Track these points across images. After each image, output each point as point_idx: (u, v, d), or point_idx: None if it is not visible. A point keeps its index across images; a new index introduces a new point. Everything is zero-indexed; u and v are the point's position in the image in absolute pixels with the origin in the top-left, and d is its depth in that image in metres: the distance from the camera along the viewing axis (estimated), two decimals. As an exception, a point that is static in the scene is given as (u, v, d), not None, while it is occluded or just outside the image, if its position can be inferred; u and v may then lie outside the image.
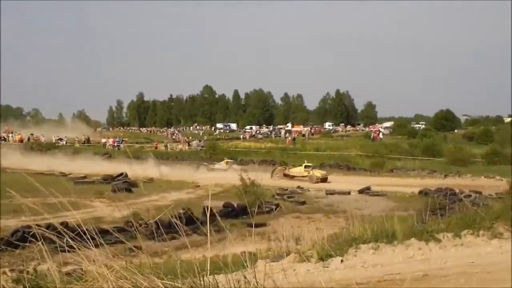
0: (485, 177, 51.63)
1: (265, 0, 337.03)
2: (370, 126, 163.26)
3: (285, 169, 56.17)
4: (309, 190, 45.54)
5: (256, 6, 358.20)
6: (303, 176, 52.31)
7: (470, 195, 35.21)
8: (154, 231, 6.67)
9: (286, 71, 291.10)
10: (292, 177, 52.76)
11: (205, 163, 62.71)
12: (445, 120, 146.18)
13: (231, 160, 63.84)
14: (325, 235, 16.89)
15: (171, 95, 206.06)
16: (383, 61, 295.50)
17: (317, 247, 13.20)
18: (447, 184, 44.58)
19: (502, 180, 44.28)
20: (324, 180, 51.04)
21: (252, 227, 22.71)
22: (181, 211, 23.89)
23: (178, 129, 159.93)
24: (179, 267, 4.58)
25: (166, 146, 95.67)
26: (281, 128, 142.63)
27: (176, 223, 5.49)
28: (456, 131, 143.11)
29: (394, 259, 12.53)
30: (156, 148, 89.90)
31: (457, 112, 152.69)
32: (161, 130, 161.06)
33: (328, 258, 12.17)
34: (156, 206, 28.75)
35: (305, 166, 53.99)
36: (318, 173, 52.89)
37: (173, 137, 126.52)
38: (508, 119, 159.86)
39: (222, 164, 60.98)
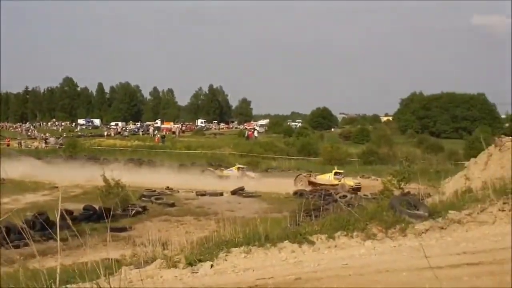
0: (360, 177, 53.82)
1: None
2: (245, 124, 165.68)
3: (310, 176, 52.69)
4: (178, 192, 45.42)
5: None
6: (333, 185, 48.00)
7: (345, 196, 36.67)
8: (5, 238, 6.37)
9: (156, 65, 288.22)
10: (319, 185, 48.10)
11: (211, 169, 59.53)
12: (322, 118, 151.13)
13: (243, 166, 60.14)
14: (195, 239, 16.92)
15: (26, 87, 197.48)
16: (259, 56, 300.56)
17: (185, 251, 13.19)
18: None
19: (377, 180, 46.30)
20: (357, 189, 46.40)
21: (115, 231, 22.30)
22: (37, 215, 23.01)
23: (34, 124, 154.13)
24: (24, 277, 4.38)
25: (19, 143, 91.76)
26: (149, 125, 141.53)
27: (24, 229, 5.25)
28: (333, 129, 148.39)
29: (266, 262, 12.77)
30: (8, 145, 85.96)
31: (334, 110, 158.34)
32: (15, 126, 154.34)
33: (197, 263, 12.19)
34: (6, 209, 27.44)
35: (335, 173, 50.64)
36: (350, 181, 49.29)
37: (28, 133, 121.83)
38: (385, 118, 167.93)
39: (233, 171, 57.71)
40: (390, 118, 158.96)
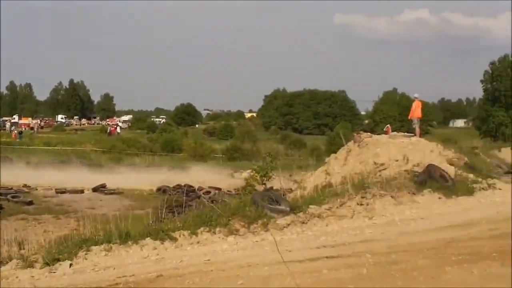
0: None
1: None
2: (107, 120, 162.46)
3: None
4: (36, 189, 43.86)
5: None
6: None
7: (209, 192, 36.88)
8: None
9: (13, 58, 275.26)
10: None
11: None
12: (186, 114, 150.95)
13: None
14: (53, 238, 16.41)
15: None
16: (123, 52, 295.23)
17: (43, 251, 12.79)
18: (187, 181, 45.97)
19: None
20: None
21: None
22: None
23: None
24: None
25: None
26: (6, 120, 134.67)
27: None
28: (197, 125, 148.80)
29: (127, 260, 12.64)
30: None
31: (199, 106, 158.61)
32: None
33: (55, 262, 11.88)
34: None
35: None
36: None
37: None
38: (249, 115, 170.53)
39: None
40: (254, 115, 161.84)
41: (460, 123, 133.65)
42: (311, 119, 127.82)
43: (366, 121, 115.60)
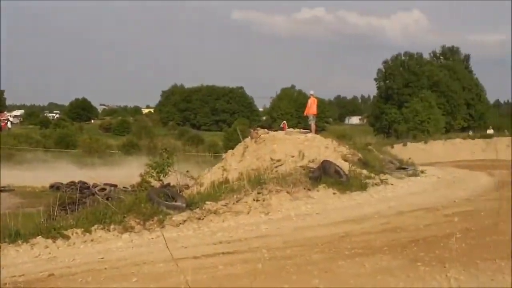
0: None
1: None
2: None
3: None
4: None
5: None
6: None
7: (105, 189, 36.19)
8: None
9: None
10: None
11: None
12: (81, 110, 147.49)
13: None
14: None
15: None
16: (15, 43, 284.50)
17: None
18: (82, 177, 44.91)
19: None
20: None
21: None
22: None
23: None
24: None
25: None
26: None
27: None
28: (92, 121, 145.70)
29: (17, 259, 12.31)
30: None
31: (94, 102, 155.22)
32: None
33: None
34: None
35: None
36: None
37: None
38: (146, 110, 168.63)
39: None
40: (152, 110, 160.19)
41: (355, 120, 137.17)
42: (209, 115, 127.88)
43: (264, 118, 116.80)
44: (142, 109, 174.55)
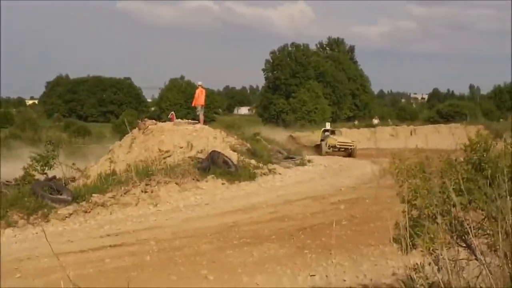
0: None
1: None
2: None
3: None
4: None
5: None
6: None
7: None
8: None
9: None
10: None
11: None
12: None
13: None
14: None
15: None
16: None
17: None
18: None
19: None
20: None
21: None
22: None
23: None
24: None
25: None
26: None
27: None
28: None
29: None
30: None
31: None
32: None
33: None
34: None
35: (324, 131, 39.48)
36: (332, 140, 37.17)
37: None
38: (30, 102, 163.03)
39: None
40: (36, 102, 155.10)
41: (244, 110, 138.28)
42: (96, 106, 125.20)
43: (152, 108, 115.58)
44: (26, 101, 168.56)
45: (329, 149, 34.45)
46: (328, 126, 41.65)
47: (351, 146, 34.57)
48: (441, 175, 6.13)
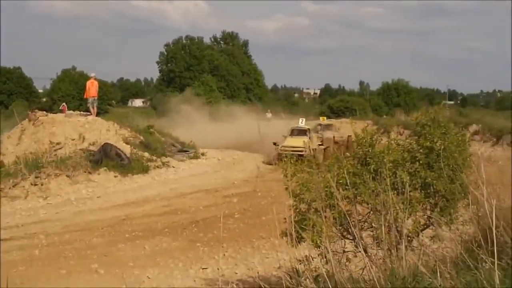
0: None
1: None
2: None
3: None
4: None
5: None
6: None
7: None
8: None
9: None
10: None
11: None
12: None
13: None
14: None
15: None
16: None
17: None
18: None
19: None
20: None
21: None
22: None
23: None
24: None
25: None
26: None
27: None
28: None
29: None
30: None
31: None
32: None
33: None
34: None
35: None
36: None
37: None
38: None
39: None
40: None
41: (138, 102, 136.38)
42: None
43: (44, 99, 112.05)
44: None
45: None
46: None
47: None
48: (328, 170, 6.27)
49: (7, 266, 9.93)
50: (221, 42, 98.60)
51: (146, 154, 21.82)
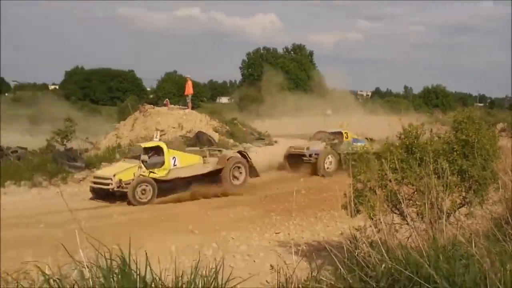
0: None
1: None
2: None
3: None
4: None
5: None
6: None
7: (16, 151, 34.06)
8: None
9: None
10: None
11: None
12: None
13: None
14: None
15: None
16: None
17: None
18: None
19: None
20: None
21: None
22: None
23: None
24: None
25: None
26: None
27: None
28: (6, 94, 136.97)
29: None
30: None
31: (7, 78, 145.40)
32: None
33: None
34: None
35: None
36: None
37: None
38: (52, 87, 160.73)
39: None
40: (57, 87, 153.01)
41: (224, 99, 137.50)
42: (106, 92, 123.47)
43: (151, 96, 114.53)
44: (49, 86, 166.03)
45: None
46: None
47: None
48: (380, 156, 6.23)
49: (121, 226, 10.22)
50: (291, 52, 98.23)
51: (231, 141, 22.01)
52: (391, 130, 6.47)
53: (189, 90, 24.72)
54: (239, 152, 16.83)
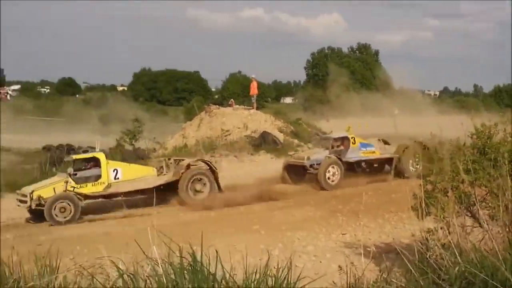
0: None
1: None
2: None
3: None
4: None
5: None
6: None
7: (87, 151, 35.18)
8: None
9: None
10: None
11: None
12: (67, 86, 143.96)
13: None
14: None
15: None
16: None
17: None
18: (70, 141, 43.65)
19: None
20: None
21: None
22: None
23: None
24: None
25: None
26: None
27: None
28: (77, 96, 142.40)
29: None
30: None
31: (78, 79, 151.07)
32: None
33: None
34: None
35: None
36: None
37: None
38: (121, 88, 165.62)
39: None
40: (125, 88, 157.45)
41: (288, 100, 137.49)
42: (172, 93, 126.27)
43: (216, 96, 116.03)
44: (117, 87, 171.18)
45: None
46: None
47: None
48: (451, 157, 6.05)
49: (190, 224, 10.42)
50: (356, 51, 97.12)
51: (296, 141, 22.00)
52: (464, 130, 6.28)
53: (254, 90, 24.91)
54: (202, 160, 14.72)
